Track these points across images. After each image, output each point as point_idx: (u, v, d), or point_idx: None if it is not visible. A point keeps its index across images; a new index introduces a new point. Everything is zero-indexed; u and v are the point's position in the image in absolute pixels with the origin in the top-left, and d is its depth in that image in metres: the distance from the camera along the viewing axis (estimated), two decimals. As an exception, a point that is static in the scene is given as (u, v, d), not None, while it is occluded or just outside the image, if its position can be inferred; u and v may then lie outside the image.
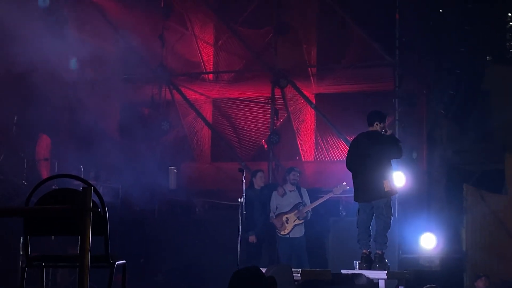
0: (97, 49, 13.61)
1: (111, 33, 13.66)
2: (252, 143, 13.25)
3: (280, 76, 12.56)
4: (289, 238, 10.36)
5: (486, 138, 13.04)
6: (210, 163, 13.65)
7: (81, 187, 3.57)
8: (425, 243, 11.01)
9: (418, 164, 11.70)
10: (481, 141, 12.94)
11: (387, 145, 8.55)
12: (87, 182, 3.86)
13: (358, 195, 8.65)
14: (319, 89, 13.03)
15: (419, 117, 12.10)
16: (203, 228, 11.12)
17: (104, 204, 3.97)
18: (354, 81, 12.48)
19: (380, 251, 8.50)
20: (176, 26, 13.75)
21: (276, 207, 10.48)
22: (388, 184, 8.40)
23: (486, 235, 11.95)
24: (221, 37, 13.65)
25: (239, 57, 13.51)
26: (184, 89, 13.39)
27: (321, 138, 12.75)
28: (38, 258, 4.14)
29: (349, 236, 9.66)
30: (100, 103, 13.51)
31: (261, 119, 13.15)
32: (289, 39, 12.89)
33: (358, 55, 12.28)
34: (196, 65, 13.77)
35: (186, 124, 13.54)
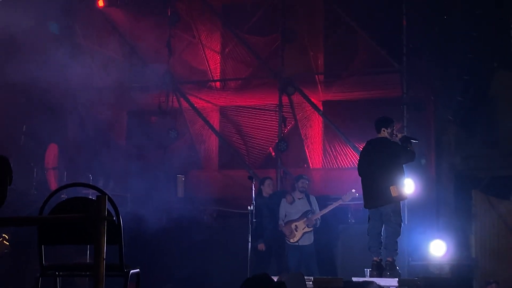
0: (105, 57, 13.67)
1: (119, 42, 13.70)
2: (259, 150, 13.23)
3: (287, 84, 12.56)
4: (298, 246, 10.34)
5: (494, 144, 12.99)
6: (218, 171, 13.63)
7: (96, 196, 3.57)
8: (434, 250, 10.97)
9: (427, 170, 11.68)
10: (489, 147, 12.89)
11: (395, 151, 8.56)
12: (102, 190, 3.86)
13: (367, 201, 8.67)
14: (326, 96, 13.02)
15: (427, 123, 12.08)
16: (212, 237, 11.10)
17: (118, 213, 3.96)
18: (361, 88, 12.46)
19: (391, 258, 8.48)
20: (183, 34, 13.77)
21: (285, 215, 10.46)
22: (396, 189, 8.40)
23: (495, 241, 11.91)
24: (228, 45, 13.66)
25: (246, 65, 13.51)
26: (191, 97, 13.39)
27: (329, 145, 12.73)
28: (53, 267, 4.13)
29: (358, 244, 9.65)
30: (107, 111, 13.54)
31: (268, 126, 13.13)
32: (296, 46, 12.89)
33: (365, 62, 12.28)
34: (203, 73, 13.78)
35: (194, 132, 13.53)
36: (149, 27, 13.38)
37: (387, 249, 8.51)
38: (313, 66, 13.01)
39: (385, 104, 11.79)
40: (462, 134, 12.81)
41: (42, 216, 3.90)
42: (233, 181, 12.71)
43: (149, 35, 13.35)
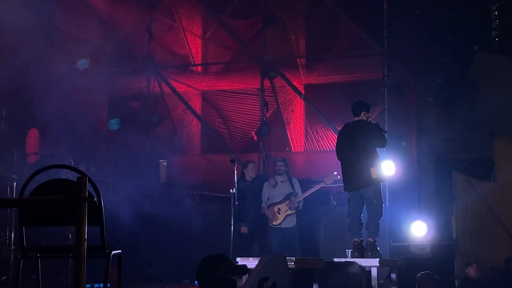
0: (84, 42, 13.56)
1: (98, 27, 13.60)
2: (242, 134, 13.24)
3: (269, 67, 12.56)
4: (281, 229, 10.40)
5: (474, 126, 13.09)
6: (200, 156, 13.63)
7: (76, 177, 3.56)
8: (416, 231, 11.07)
9: (408, 152, 11.76)
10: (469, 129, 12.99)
11: (372, 134, 8.62)
12: (82, 172, 3.85)
13: (347, 184, 8.73)
14: (308, 80, 13.04)
15: (408, 105, 12.16)
16: (195, 220, 11.11)
17: (99, 194, 3.96)
18: (343, 71, 12.49)
19: (372, 239, 8.54)
20: (164, 19, 13.69)
21: (267, 198, 10.51)
22: (375, 171, 8.47)
23: (476, 222, 12.03)
24: (209, 29, 13.61)
25: (227, 49, 13.48)
26: (173, 82, 13.35)
27: (311, 129, 12.76)
28: (34, 249, 4.13)
29: (340, 225, 9.71)
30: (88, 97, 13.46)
31: (250, 110, 13.13)
32: (278, 30, 12.88)
33: (347, 45, 12.30)
34: (184, 57, 13.73)
35: (176, 116, 13.50)
36: (129, 12, 13.28)
37: (368, 230, 8.57)
38: (295, 49, 13.01)
39: (367, 87, 11.84)
40: (442, 116, 12.90)
41: (22, 198, 3.89)
42: (215, 165, 12.72)
43: (129, 19, 13.26)
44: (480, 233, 11.97)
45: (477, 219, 12.07)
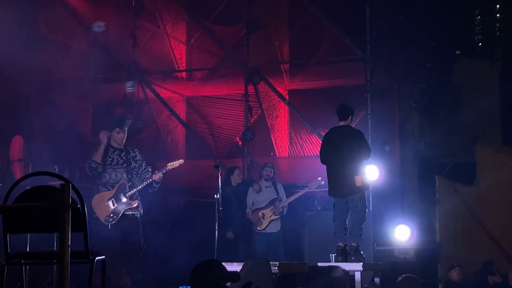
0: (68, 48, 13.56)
1: (82, 32, 13.60)
2: (226, 140, 13.27)
3: (253, 73, 12.62)
4: (265, 234, 10.45)
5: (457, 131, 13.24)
6: (185, 161, 13.62)
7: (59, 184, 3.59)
8: (399, 235, 11.16)
9: (391, 157, 11.85)
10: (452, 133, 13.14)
11: (359, 142, 8.67)
12: (66, 179, 3.89)
13: (332, 190, 8.78)
14: (292, 85, 13.10)
15: (391, 110, 12.25)
16: (180, 226, 11.13)
17: (82, 200, 3.99)
18: (326, 76, 12.56)
19: (356, 244, 8.61)
20: (148, 25, 13.71)
21: (252, 203, 10.56)
22: (360, 179, 8.53)
23: (458, 226, 12.16)
24: (193, 35, 13.64)
25: (211, 55, 13.52)
26: (157, 88, 13.37)
27: (295, 134, 12.82)
28: (18, 255, 4.15)
29: (324, 230, 9.76)
30: (72, 103, 13.45)
31: (235, 116, 13.17)
32: (261, 35, 12.94)
33: (330, 51, 12.37)
34: (169, 63, 13.74)
35: (160, 122, 13.51)
36: (114, 18, 13.30)
37: (352, 235, 8.64)
38: (279, 55, 13.08)
39: (350, 92, 11.91)
40: (425, 121, 13.03)
41: (6, 205, 3.91)
42: (200, 170, 12.74)
43: (114, 25, 13.27)
44: (463, 237, 12.09)
45: (460, 223, 12.20)
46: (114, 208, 7.90)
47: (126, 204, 7.93)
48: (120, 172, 8.04)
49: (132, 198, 7.96)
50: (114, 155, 8.11)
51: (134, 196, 7.98)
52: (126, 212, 7.94)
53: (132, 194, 7.97)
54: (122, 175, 8.04)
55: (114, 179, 8.01)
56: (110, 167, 8.05)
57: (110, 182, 8.01)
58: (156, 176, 8.03)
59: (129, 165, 8.08)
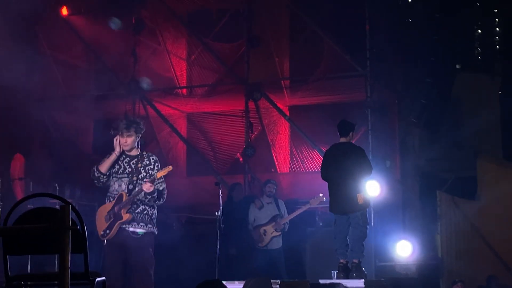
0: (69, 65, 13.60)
1: (83, 50, 13.66)
2: (227, 156, 13.29)
3: (253, 89, 12.65)
4: (267, 250, 10.43)
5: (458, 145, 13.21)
6: (186, 178, 13.64)
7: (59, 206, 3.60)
8: (401, 250, 11.11)
9: (392, 172, 11.84)
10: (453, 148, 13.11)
11: (361, 160, 8.67)
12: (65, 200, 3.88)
13: (333, 207, 8.77)
14: (292, 101, 13.13)
15: (391, 126, 12.26)
16: (181, 243, 11.11)
17: (82, 222, 3.99)
18: (326, 92, 12.60)
19: (357, 260, 8.58)
20: (148, 42, 13.77)
21: (254, 220, 10.54)
22: (361, 197, 8.53)
23: (460, 241, 12.12)
24: (194, 52, 13.69)
25: (212, 71, 13.56)
26: (158, 104, 13.40)
27: (296, 150, 12.84)
28: (18, 277, 4.14)
29: (326, 246, 9.74)
30: (73, 121, 13.48)
31: (235, 132, 13.19)
32: (262, 52, 12.99)
33: (330, 67, 12.41)
34: (169, 80, 13.79)
35: (161, 139, 13.53)
36: (114, 35, 13.36)
37: (353, 251, 8.61)
38: (279, 71, 13.11)
39: (350, 108, 11.93)
40: (426, 136, 13.01)
41: (6, 227, 3.91)
42: (201, 187, 12.74)
43: (114, 43, 13.33)
44: (466, 252, 12.05)
45: (462, 238, 12.16)
46: (110, 222, 7.22)
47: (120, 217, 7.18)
48: (124, 182, 7.26)
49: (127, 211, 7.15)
50: (124, 163, 7.37)
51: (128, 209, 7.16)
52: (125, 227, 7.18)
53: (125, 207, 7.15)
54: (122, 185, 7.26)
55: (117, 190, 7.29)
56: (115, 176, 7.33)
57: (114, 193, 7.31)
58: (146, 186, 7.08)
59: (138, 174, 7.24)
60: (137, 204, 7.21)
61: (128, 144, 7.34)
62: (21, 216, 4.06)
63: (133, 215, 7.16)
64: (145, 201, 7.22)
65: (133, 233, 7.16)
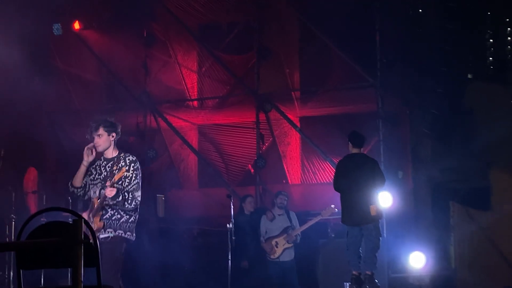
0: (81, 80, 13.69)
1: (95, 63, 13.74)
2: (238, 168, 13.30)
3: (264, 101, 12.67)
4: (279, 262, 10.40)
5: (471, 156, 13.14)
6: (198, 190, 13.67)
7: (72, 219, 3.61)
8: (414, 261, 11.06)
9: (404, 183, 11.80)
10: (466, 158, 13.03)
11: (374, 171, 8.66)
12: (77, 214, 3.90)
13: (346, 218, 8.75)
14: (303, 112, 13.14)
15: (403, 136, 12.22)
16: (193, 255, 11.11)
17: (95, 235, 4.00)
18: (337, 103, 12.60)
19: (370, 272, 8.55)
20: (159, 55, 13.84)
21: (265, 232, 10.53)
22: (375, 208, 8.51)
23: (474, 251, 12.03)
24: (204, 64, 13.75)
25: (222, 83, 13.61)
26: (169, 117, 13.45)
27: (307, 161, 12.83)
28: (31, 291, 4.16)
29: (338, 258, 9.71)
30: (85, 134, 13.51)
31: (246, 144, 13.21)
32: (272, 63, 13.01)
33: (341, 78, 12.42)
34: (180, 92, 13.84)
35: (172, 151, 13.57)
36: (125, 49, 13.44)
37: (366, 263, 8.59)
38: (289, 82, 13.13)
39: (361, 119, 11.92)
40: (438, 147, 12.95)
41: (19, 242, 3.93)
42: (213, 199, 12.75)
43: (126, 56, 13.41)
44: (479, 262, 11.95)
45: (475, 249, 12.07)
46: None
47: None
48: (98, 187, 6.65)
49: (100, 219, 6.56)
50: (100, 167, 6.77)
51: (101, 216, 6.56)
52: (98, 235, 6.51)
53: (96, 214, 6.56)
54: (96, 191, 6.65)
55: (92, 197, 6.69)
56: (91, 183, 6.73)
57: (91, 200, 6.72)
58: (106, 191, 6.46)
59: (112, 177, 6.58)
60: (105, 209, 6.58)
61: (100, 145, 6.76)
62: (34, 230, 4.08)
63: (103, 221, 6.59)
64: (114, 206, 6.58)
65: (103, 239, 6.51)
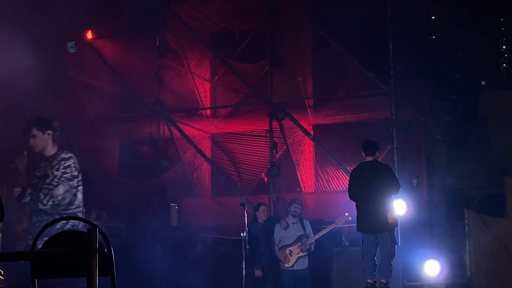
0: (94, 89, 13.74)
1: (108, 73, 13.80)
2: (252, 176, 13.28)
3: (277, 109, 12.65)
4: (293, 271, 10.35)
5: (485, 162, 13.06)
6: (211, 198, 13.66)
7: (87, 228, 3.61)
8: (429, 270, 10.99)
9: (419, 191, 11.74)
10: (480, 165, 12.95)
11: (388, 178, 8.62)
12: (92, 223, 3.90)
13: (363, 226, 8.70)
14: (316, 120, 13.11)
15: (417, 144, 12.17)
16: (206, 264, 11.09)
17: (109, 245, 3.99)
18: (351, 111, 12.57)
19: (385, 280, 8.50)
20: (172, 64, 13.88)
21: (279, 240, 10.49)
22: (391, 216, 8.47)
23: (489, 259, 11.93)
24: (217, 73, 13.76)
25: (235, 92, 13.61)
26: (182, 126, 13.46)
27: (320, 169, 12.78)
28: (46, 301, 4.15)
29: (353, 266, 9.66)
30: (99, 143, 13.58)
31: (260, 152, 13.19)
32: (285, 72, 13.00)
33: (354, 85, 12.38)
34: (193, 101, 13.86)
35: (186, 160, 13.58)
36: (138, 58, 13.49)
37: (381, 271, 8.53)
38: (302, 91, 13.11)
39: (375, 126, 11.88)
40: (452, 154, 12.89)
41: (34, 251, 3.92)
42: (226, 208, 12.74)
43: (139, 65, 13.46)
44: (495, 270, 11.86)
45: (490, 257, 11.98)
46: None
47: None
48: None
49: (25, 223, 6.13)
50: (40, 168, 6.38)
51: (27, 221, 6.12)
52: None
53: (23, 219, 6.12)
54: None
55: None
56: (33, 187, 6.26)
57: None
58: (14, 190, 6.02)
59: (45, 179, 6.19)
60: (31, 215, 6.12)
61: (36, 146, 6.39)
62: (49, 240, 4.07)
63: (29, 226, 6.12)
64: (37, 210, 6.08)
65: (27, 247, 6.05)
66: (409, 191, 10.99)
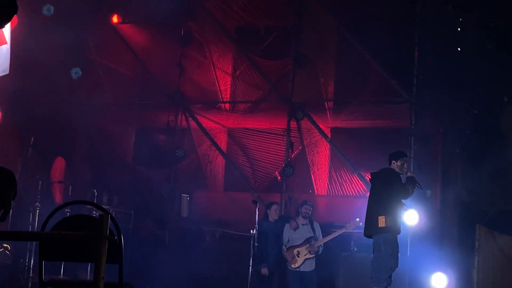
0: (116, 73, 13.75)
1: (131, 58, 13.79)
2: (265, 174, 13.23)
3: (296, 109, 12.59)
4: (299, 272, 10.32)
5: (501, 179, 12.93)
6: (223, 192, 13.64)
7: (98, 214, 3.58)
8: (436, 282, 10.90)
9: (432, 202, 11.64)
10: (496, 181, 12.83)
11: (392, 184, 8.55)
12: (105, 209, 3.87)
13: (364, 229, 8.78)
14: (335, 123, 13.03)
15: (434, 155, 12.06)
16: (213, 258, 11.07)
17: (120, 232, 3.97)
18: (370, 117, 12.48)
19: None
20: (195, 55, 13.84)
21: (288, 240, 10.45)
22: (384, 220, 8.40)
23: (497, 276, 11.82)
24: (239, 67, 13.71)
25: (256, 88, 13.55)
26: (200, 117, 13.44)
27: (335, 172, 12.72)
28: (51, 283, 4.14)
29: (360, 272, 9.60)
30: (115, 128, 13.59)
31: (275, 150, 13.14)
32: (307, 72, 12.93)
33: (375, 91, 12.29)
34: (213, 93, 13.83)
35: (201, 152, 13.56)
36: (162, 46, 13.47)
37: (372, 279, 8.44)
38: (323, 92, 13.03)
39: (393, 134, 11.80)
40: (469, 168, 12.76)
41: (45, 232, 3.91)
42: (237, 203, 12.70)
43: (161, 53, 13.44)
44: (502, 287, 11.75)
45: (499, 273, 11.87)
46: None
47: None
48: None
49: None
50: None
51: None
52: None
53: None
54: None
55: None
56: None
57: None
58: None
59: None
60: None
61: None
62: (59, 222, 4.06)
63: None
64: None
65: None
66: (423, 201, 10.90)
